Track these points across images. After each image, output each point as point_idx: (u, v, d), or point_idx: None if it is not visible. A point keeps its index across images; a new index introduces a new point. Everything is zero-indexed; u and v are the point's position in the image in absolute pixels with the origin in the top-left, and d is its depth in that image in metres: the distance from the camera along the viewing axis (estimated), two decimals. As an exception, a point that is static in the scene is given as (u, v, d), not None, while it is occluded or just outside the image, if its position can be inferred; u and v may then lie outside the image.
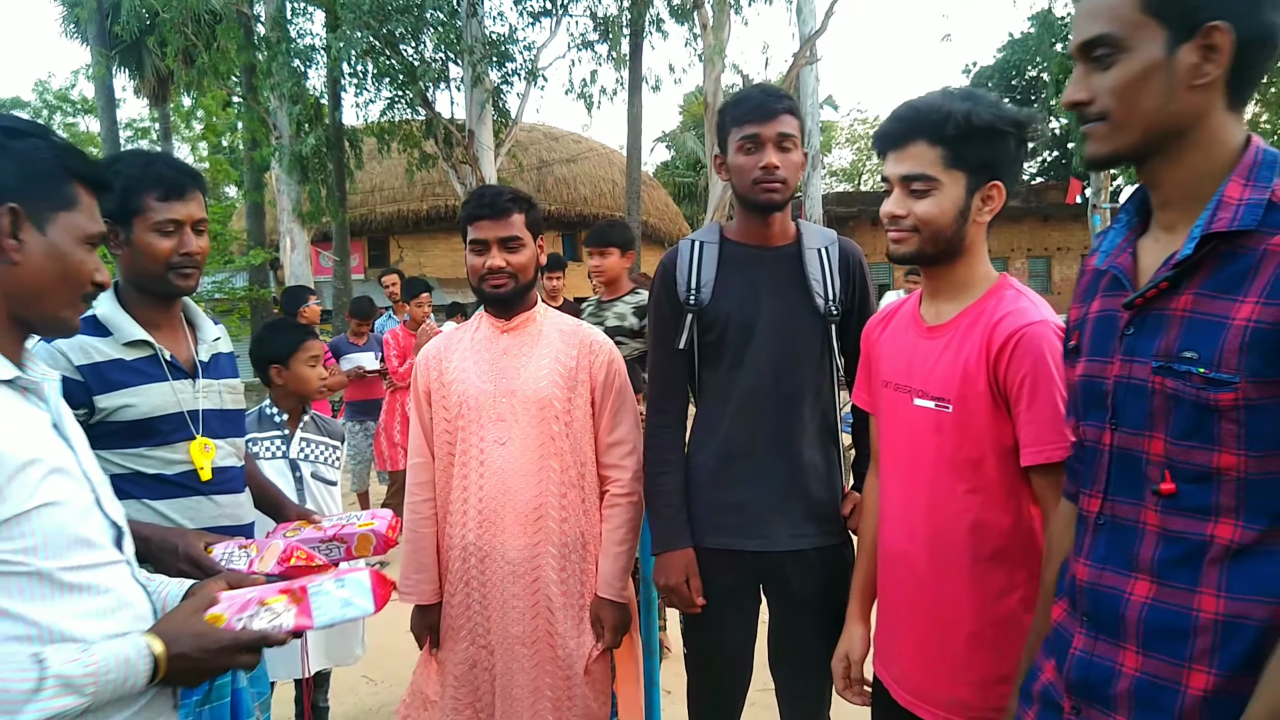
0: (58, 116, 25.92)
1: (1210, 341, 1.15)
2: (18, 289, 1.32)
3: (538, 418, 2.32)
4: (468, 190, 13.62)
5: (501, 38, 14.11)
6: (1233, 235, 1.15)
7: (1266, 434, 1.12)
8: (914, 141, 1.68)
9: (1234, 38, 1.14)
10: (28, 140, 1.34)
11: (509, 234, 2.31)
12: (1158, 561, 1.22)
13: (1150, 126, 1.21)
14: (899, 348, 1.86)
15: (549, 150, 23.51)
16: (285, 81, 13.16)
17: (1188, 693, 1.17)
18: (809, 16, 15.77)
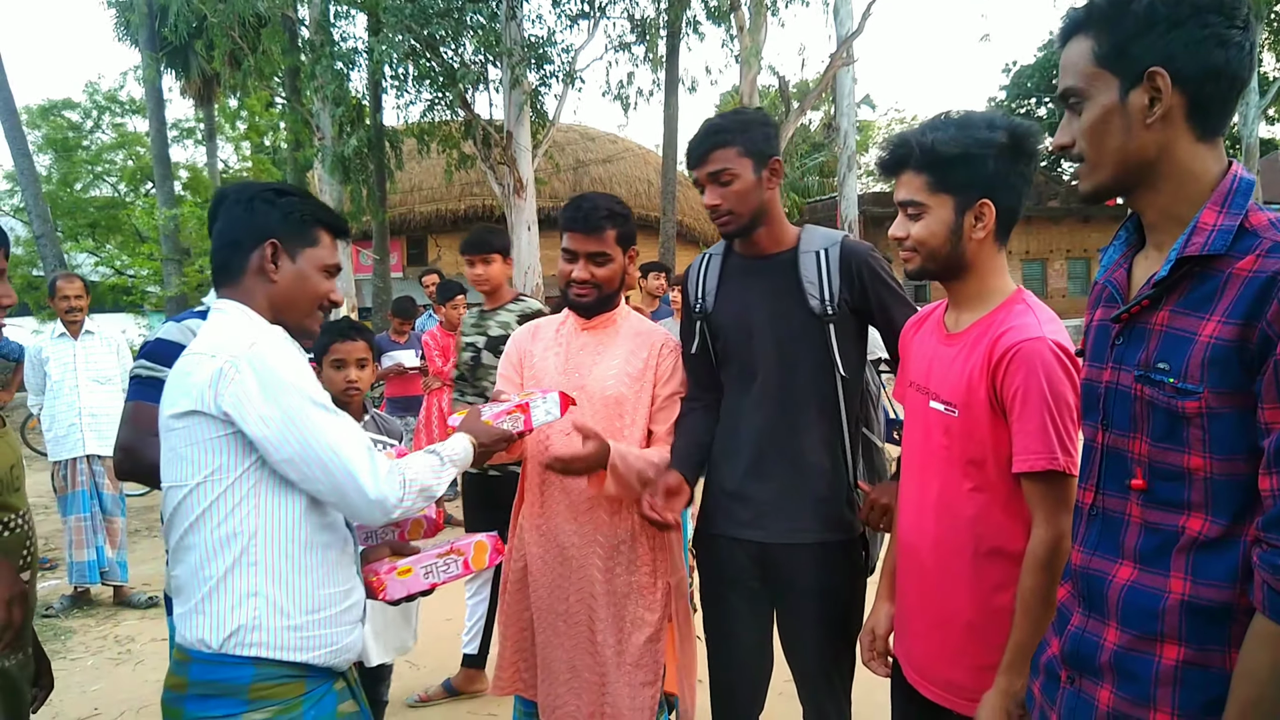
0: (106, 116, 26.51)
1: (1180, 354, 1.27)
2: (277, 300, 1.85)
3: (603, 414, 2.49)
4: (505, 190, 13.81)
5: (540, 40, 14.26)
6: (1206, 258, 1.26)
7: (1227, 440, 1.24)
8: (903, 170, 1.85)
9: (1172, 80, 1.26)
10: (289, 198, 1.89)
11: (598, 249, 2.48)
12: (1139, 549, 1.35)
13: (1120, 163, 1.34)
14: (924, 351, 1.99)
15: (585, 150, 23.67)
16: (329, 84, 13.41)
17: (1161, 663, 1.31)
18: (846, 18, 15.78)
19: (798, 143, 27.51)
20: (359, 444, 1.71)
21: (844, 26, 15.76)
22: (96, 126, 26.39)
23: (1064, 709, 1.46)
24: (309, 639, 1.70)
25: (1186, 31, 1.25)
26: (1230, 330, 1.22)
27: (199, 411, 1.66)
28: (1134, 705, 1.34)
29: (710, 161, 2.29)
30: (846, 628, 2.38)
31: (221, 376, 1.65)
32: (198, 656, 1.67)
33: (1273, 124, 27.97)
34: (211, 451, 1.67)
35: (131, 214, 23.26)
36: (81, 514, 5.57)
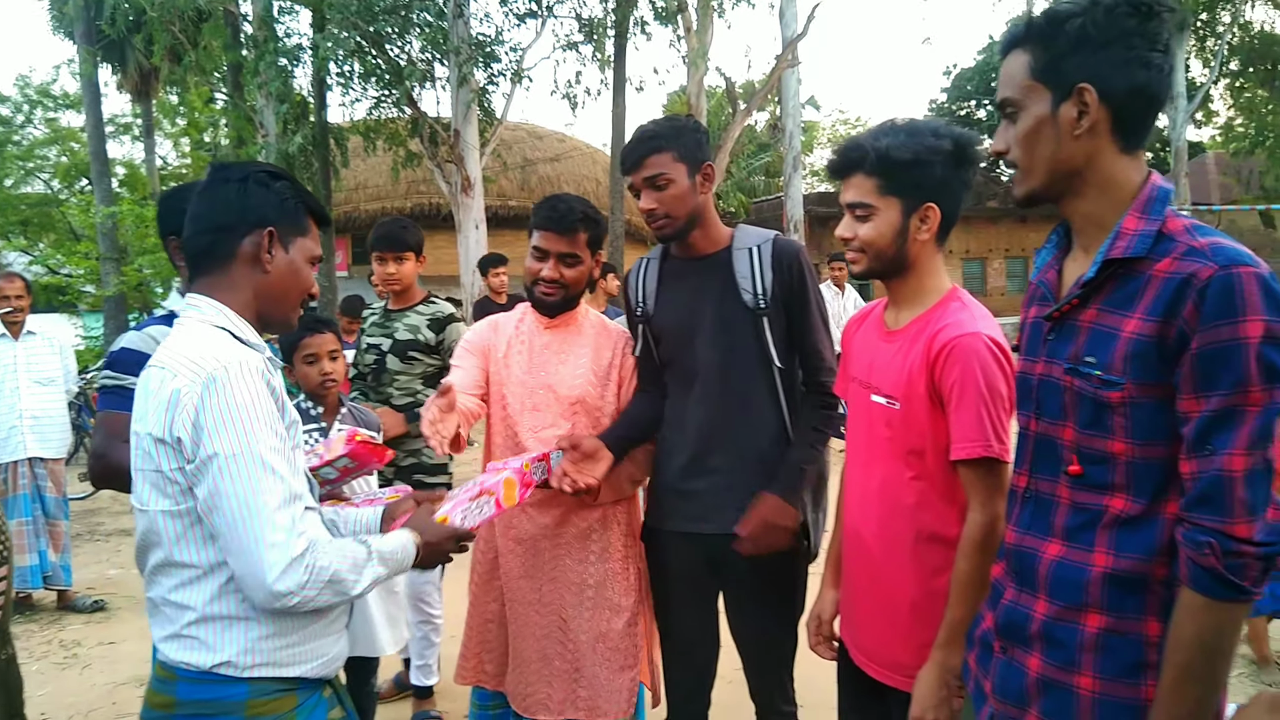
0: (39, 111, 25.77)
1: (1105, 349, 1.39)
2: (267, 291, 1.73)
3: (570, 411, 2.53)
4: (452, 188, 13.75)
5: (487, 39, 14.24)
6: (1128, 260, 1.38)
7: (1147, 426, 1.36)
8: (853, 173, 1.94)
9: (1098, 95, 1.38)
10: (281, 182, 1.76)
11: (569, 250, 2.49)
12: (1066, 527, 1.47)
13: (1049, 170, 1.45)
14: (865, 347, 2.09)
15: (533, 149, 23.65)
16: (272, 80, 13.26)
17: (1084, 630, 1.43)
18: (791, 20, 15.98)
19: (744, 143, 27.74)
20: (284, 518, 1.54)
21: (789, 29, 15.96)
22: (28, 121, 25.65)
23: (997, 677, 1.57)
24: (301, 653, 1.67)
25: (1113, 52, 1.36)
26: (1150, 327, 1.33)
27: (155, 435, 1.57)
28: (1060, 670, 1.45)
29: (646, 167, 2.34)
30: (791, 613, 2.48)
31: (176, 399, 1.54)
32: (186, 675, 1.61)
33: (1200, 128, 28.90)
34: (173, 480, 1.57)
35: (66, 211, 22.67)
36: (24, 518, 5.46)
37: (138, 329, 2.40)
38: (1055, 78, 1.40)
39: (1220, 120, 27.42)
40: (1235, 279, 1.27)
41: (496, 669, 2.65)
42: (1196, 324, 1.29)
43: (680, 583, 2.54)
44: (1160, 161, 31.64)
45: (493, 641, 2.65)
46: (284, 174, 1.80)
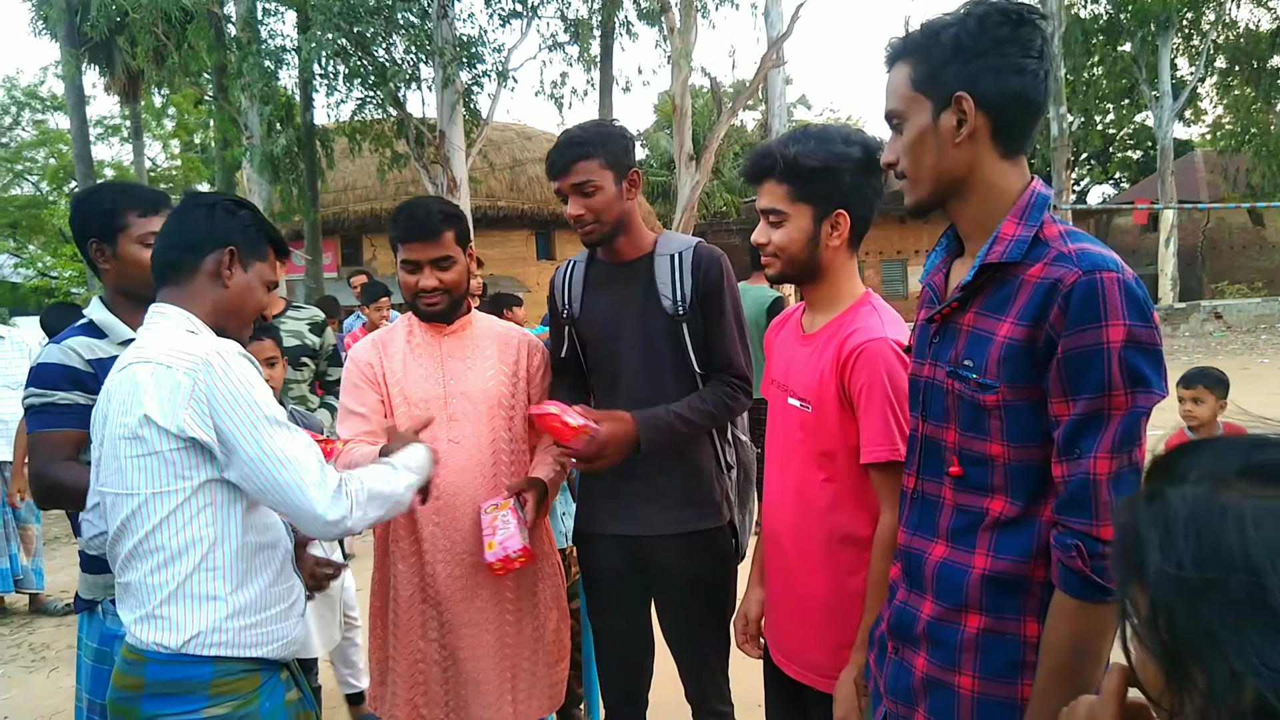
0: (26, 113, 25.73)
1: (981, 352, 1.41)
2: (224, 306, 1.90)
3: (487, 415, 2.49)
4: (439, 189, 13.75)
5: (472, 39, 14.24)
6: (1004, 265, 1.40)
7: (1020, 429, 1.38)
8: (765, 180, 1.95)
9: (975, 103, 1.39)
10: (245, 211, 1.96)
11: (441, 254, 2.41)
12: (950, 529, 1.49)
13: (935, 179, 1.47)
14: (784, 350, 2.11)
15: (522, 149, 23.64)
16: (256, 82, 13.24)
17: (965, 631, 1.45)
18: (776, 20, 16.01)
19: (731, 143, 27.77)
20: (312, 460, 1.76)
21: (774, 29, 15.98)
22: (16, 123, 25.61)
23: (889, 676, 1.59)
24: (263, 634, 1.78)
25: (988, 60, 1.38)
26: (1021, 331, 1.35)
27: (155, 423, 1.67)
28: (942, 670, 1.48)
29: (573, 173, 2.34)
30: (722, 612, 2.48)
31: (179, 388, 1.67)
32: (154, 657, 1.70)
33: (1188, 126, 29.07)
34: (169, 462, 1.69)
35: (55, 213, 22.64)
36: (-6, 521, 5.46)
37: (55, 342, 2.28)
38: (934, 88, 1.42)
39: (1208, 118, 27.54)
40: (1098, 284, 1.29)
41: (441, 712, 2.51)
42: (1062, 328, 1.30)
43: (612, 585, 2.54)
44: (1148, 159, 31.79)
45: (429, 682, 2.50)
46: (249, 205, 2.00)
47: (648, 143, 35.00)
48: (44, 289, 21.24)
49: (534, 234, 23.37)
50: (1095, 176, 36.44)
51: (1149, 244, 26.10)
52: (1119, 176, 35.63)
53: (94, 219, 2.27)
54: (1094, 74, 25.03)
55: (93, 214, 2.28)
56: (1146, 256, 26.10)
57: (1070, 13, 22.60)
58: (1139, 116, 29.73)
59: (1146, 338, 1.29)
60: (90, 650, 2.25)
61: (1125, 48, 23.61)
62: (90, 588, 2.26)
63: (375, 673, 2.60)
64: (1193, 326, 19.92)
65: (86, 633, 2.28)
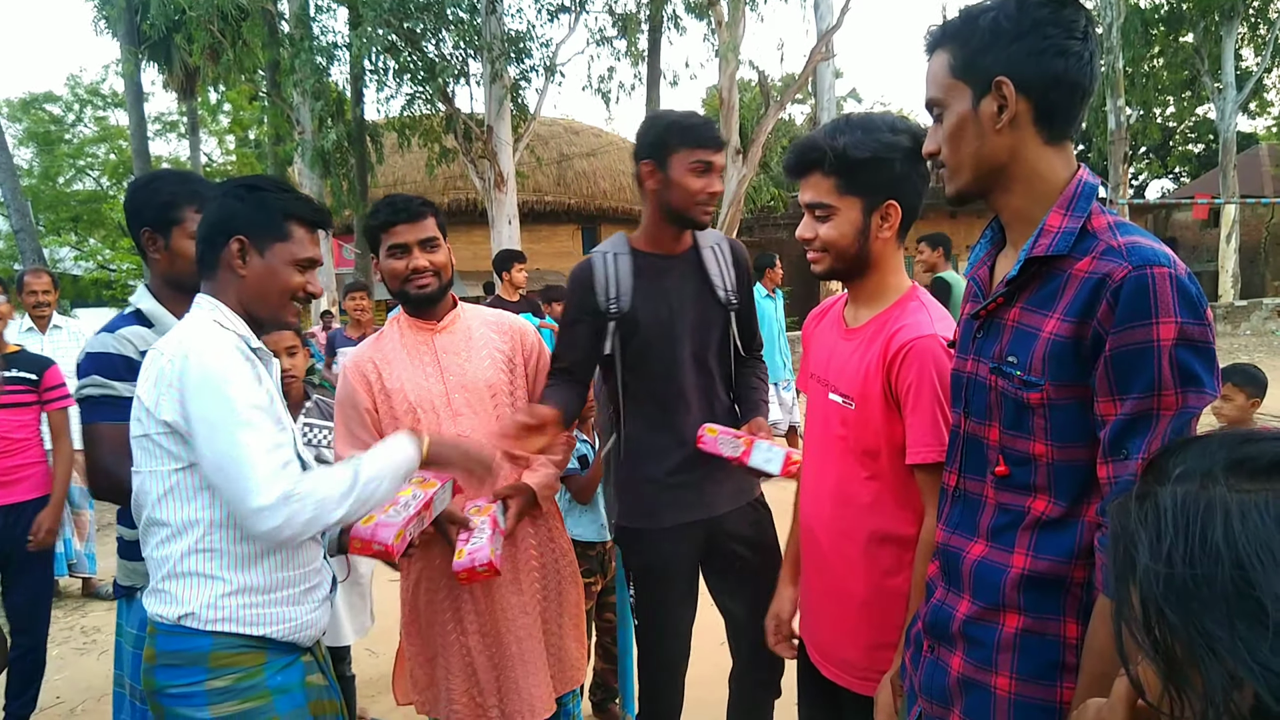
0: (89, 110, 26.38)
1: (1026, 349, 1.36)
2: (245, 294, 1.90)
3: (491, 405, 2.49)
4: (486, 184, 13.84)
5: (520, 34, 14.29)
6: (1050, 258, 1.35)
7: (1065, 428, 1.34)
8: (811, 173, 1.88)
9: (1016, 87, 1.34)
10: (258, 194, 1.91)
11: (428, 235, 2.44)
12: (991, 528, 1.45)
13: (976, 166, 1.42)
14: (825, 344, 2.06)
15: (569, 144, 23.69)
16: (308, 78, 13.43)
17: (1003, 630, 1.41)
18: (826, 12, 15.83)
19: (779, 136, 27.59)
20: (265, 465, 1.70)
21: (824, 21, 15.80)
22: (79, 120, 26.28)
23: (924, 675, 1.56)
24: (266, 615, 1.82)
25: (1028, 43, 1.33)
26: (1068, 327, 1.31)
27: (145, 405, 1.78)
28: (979, 669, 1.44)
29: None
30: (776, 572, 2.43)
31: (160, 377, 1.76)
32: (160, 628, 1.80)
33: (1253, 119, 28.23)
34: (157, 444, 1.78)
35: (114, 208, 23.20)
36: (50, 507, 5.59)
37: (109, 330, 2.26)
38: (973, 74, 1.38)
39: (1275, 110, 26.70)
40: (1149, 279, 1.24)
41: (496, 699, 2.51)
42: (1110, 325, 1.26)
43: (671, 576, 2.55)
44: (1209, 153, 30.92)
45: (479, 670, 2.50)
46: (267, 184, 1.95)
47: (695, 137, 34.86)
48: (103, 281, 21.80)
49: (580, 228, 23.41)
50: (1154, 170, 35.53)
51: (1209, 240, 25.38)
52: (1178, 171, 34.71)
53: (150, 209, 2.28)
54: (1154, 65, 24.38)
55: (149, 203, 2.27)
56: (1207, 253, 25.39)
57: (1129, 3, 22.05)
58: (1200, 109, 28.93)
59: (1199, 335, 1.24)
60: (130, 636, 2.28)
61: (1187, 38, 22.97)
62: (129, 574, 2.30)
63: (421, 678, 2.59)
64: (1254, 325, 19.35)
65: (126, 619, 2.32)
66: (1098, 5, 19.56)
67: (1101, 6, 19.39)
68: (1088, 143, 29.77)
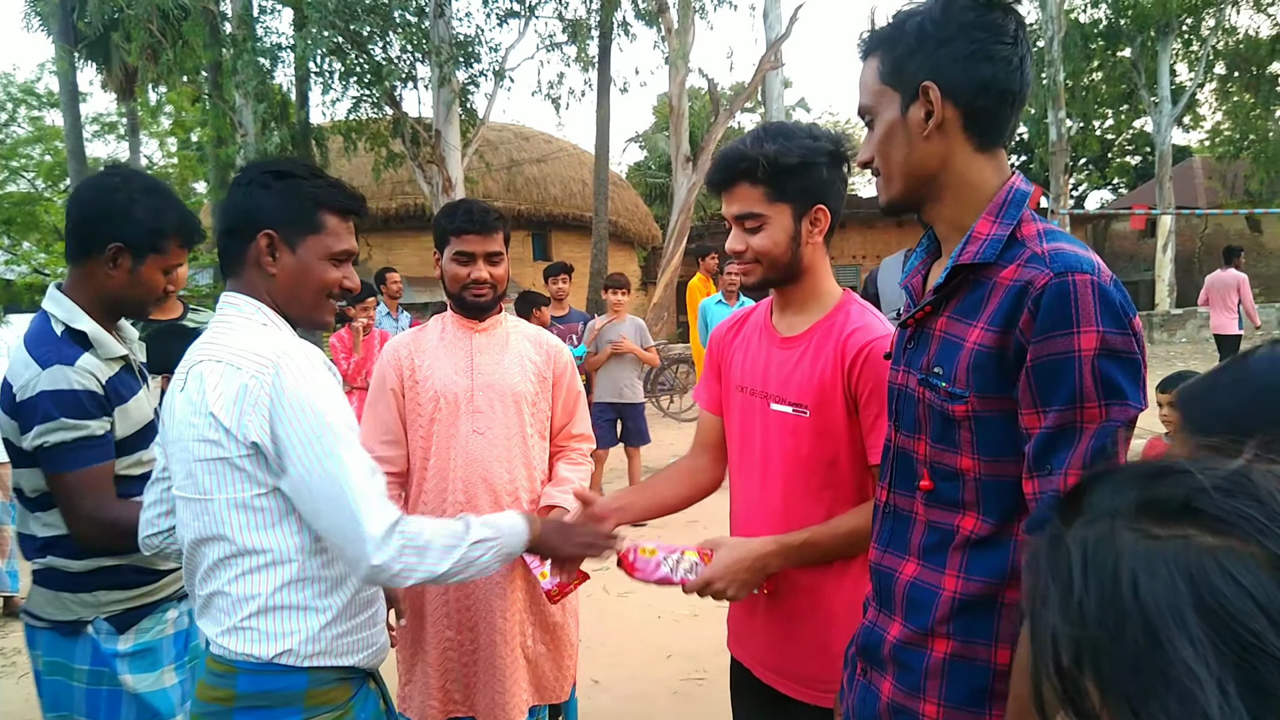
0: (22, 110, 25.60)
1: (951, 359, 1.32)
2: (277, 294, 1.72)
3: (514, 409, 2.57)
4: (434, 189, 13.68)
5: (469, 39, 14.17)
6: (977, 266, 1.32)
7: (992, 442, 1.30)
8: (738, 184, 1.85)
9: (942, 93, 1.31)
10: (288, 180, 1.72)
11: (495, 249, 2.53)
12: (922, 546, 1.41)
13: (906, 175, 1.39)
14: (753, 355, 2.00)
15: (519, 150, 23.54)
16: (251, 79, 13.17)
17: (931, 656, 1.37)
18: (774, 22, 15.95)
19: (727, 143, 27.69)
20: (370, 487, 1.58)
21: (773, 31, 15.92)
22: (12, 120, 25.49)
23: (856, 698, 1.51)
24: (354, 642, 1.69)
25: (954, 48, 1.30)
26: (991, 337, 1.27)
27: (223, 426, 1.56)
28: (907, 696, 1.40)
29: None
30: None
31: (246, 393, 1.56)
32: (245, 668, 1.61)
33: (1187, 132, 29.00)
34: (239, 469, 1.58)
35: (49, 210, 22.52)
36: (-30, 522, 5.36)
37: (60, 361, 1.99)
38: (900, 79, 1.35)
39: (1207, 124, 27.48)
40: (1070, 286, 1.20)
41: (464, 694, 2.58)
42: (1031, 335, 1.22)
43: None
44: (1146, 165, 31.74)
45: (457, 668, 2.57)
46: (295, 170, 1.76)
47: (646, 144, 34.96)
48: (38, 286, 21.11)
49: (530, 235, 23.26)
50: (1094, 181, 36.37)
51: (1147, 250, 26.03)
52: (1117, 182, 35.56)
53: (132, 225, 2.05)
54: (1093, 79, 24.95)
55: (130, 218, 2.05)
56: (1144, 262, 26.03)
57: (1070, 17, 22.56)
58: (1138, 122, 29.66)
59: (1122, 345, 1.19)
60: (84, 673, 2.09)
61: (1125, 53, 23.56)
62: (77, 607, 2.09)
63: (402, 672, 2.65)
64: (1189, 333, 19.85)
65: (65, 654, 2.10)
66: (1040, 20, 19.99)
67: (1043, 21, 19.82)
68: (1030, 154, 30.36)
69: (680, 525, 4.15)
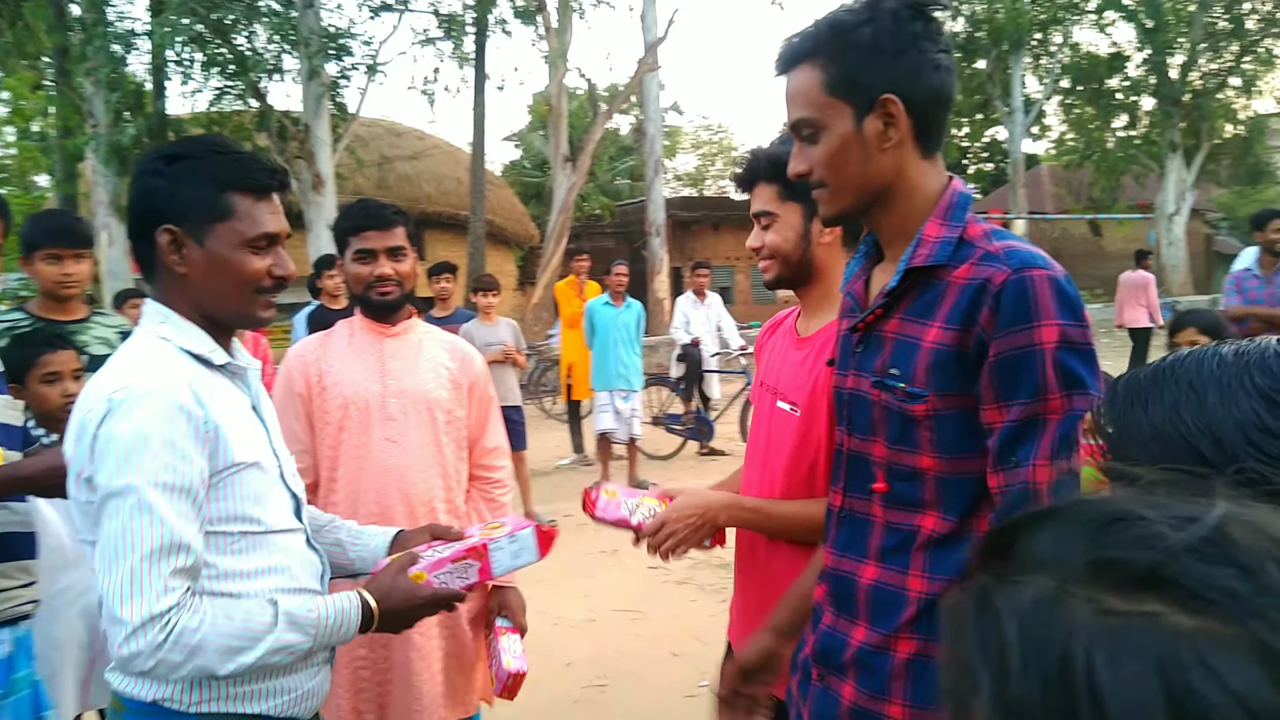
0: None
1: (908, 360, 1.35)
2: (193, 296, 1.51)
3: (428, 417, 2.47)
4: (302, 185, 13.22)
5: (340, 31, 13.75)
6: (929, 268, 1.35)
7: (952, 440, 1.33)
8: (756, 183, 1.91)
9: (904, 104, 1.33)
10: (183, 163, 1.49)
11: (396, 244, 2.43)
12: (881, 548, 1.42)
13: (861, 187, 1.39)
14: (777, 353, 2.04)
15: (391, 146, 22.96)
16: (102, 67, 12.42)
17: (895, 658, 1.38)
18: (652, 24, 16.08)
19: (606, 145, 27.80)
20: (154, 569, 1.35)
21: (650, 33, 16.04)
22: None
23: (813, 706, 1.51)
24: (264, 689, 1.49)
25: (908, 58, 1.31)
26: (950, 335, 1.30)
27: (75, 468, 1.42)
28: (872, 699, 1.40)
29: None
30: None
31: (83, 432, 1.40)
32: (132, 706, 1.47)
33: (1036, 141, 30.67)
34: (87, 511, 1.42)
35: None
36: None
37: None
38: (855, 91, 1.34)
39: (1053, 134, 29.14)
40: (1029, 282, 1.24)
41: (378, 714, 2.47)
42: (993, 330, 1.25)
43: None
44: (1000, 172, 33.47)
45: (369, 687, 2.47)
46: (192, 150, 1.53)
47: (522, 143, 34.69)
48: None
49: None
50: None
51: (1001, 252, 27.43)
52: (974, 187, 37.43)
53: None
54: (951, 89, 26.12)
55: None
56: (999, 264, 27.45)
57: (930, 29, 23.56)
58: (992, 131, 31.27)
59: (1079, 337, 1.25)
60: None
61: (980, 65, 24.77)
62: None
63: None
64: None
65: None
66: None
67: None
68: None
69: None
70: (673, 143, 39.39)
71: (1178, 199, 22.96)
